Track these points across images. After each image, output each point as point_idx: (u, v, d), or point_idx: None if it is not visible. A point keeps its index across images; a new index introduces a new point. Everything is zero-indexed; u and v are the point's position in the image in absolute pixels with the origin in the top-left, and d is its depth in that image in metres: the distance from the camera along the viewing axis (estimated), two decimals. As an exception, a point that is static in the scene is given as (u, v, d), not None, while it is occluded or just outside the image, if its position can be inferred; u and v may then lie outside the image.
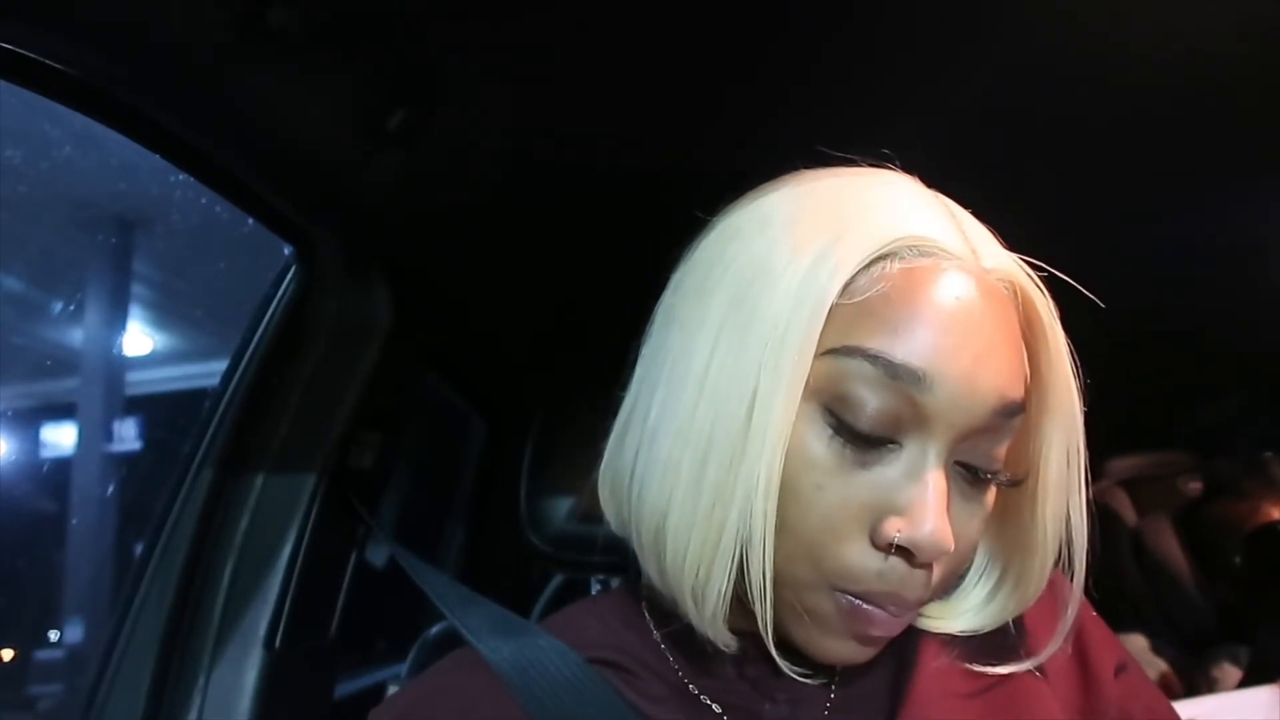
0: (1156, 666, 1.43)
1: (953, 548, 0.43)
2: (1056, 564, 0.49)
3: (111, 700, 0.81)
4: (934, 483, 0.42)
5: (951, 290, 0.43)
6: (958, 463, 0.45)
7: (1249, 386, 1.53)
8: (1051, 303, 0.47)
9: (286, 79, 0.67)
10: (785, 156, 0.55)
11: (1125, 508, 1.76)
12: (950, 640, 0.52)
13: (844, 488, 0.43)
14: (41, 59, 0.59)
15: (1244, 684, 1.35)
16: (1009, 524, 0.50)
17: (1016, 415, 0.45)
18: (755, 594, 0.43)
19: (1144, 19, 0.66)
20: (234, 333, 0.95)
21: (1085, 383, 0.46)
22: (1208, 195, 0.93)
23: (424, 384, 1.22)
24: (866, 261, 0.43)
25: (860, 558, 0.43)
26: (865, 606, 0.44)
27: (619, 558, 0.51)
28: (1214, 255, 1.07)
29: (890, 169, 0.49)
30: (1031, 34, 0.68)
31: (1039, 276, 0.47)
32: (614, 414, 0.51)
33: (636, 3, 0.63)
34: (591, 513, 0.53)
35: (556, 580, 1.75)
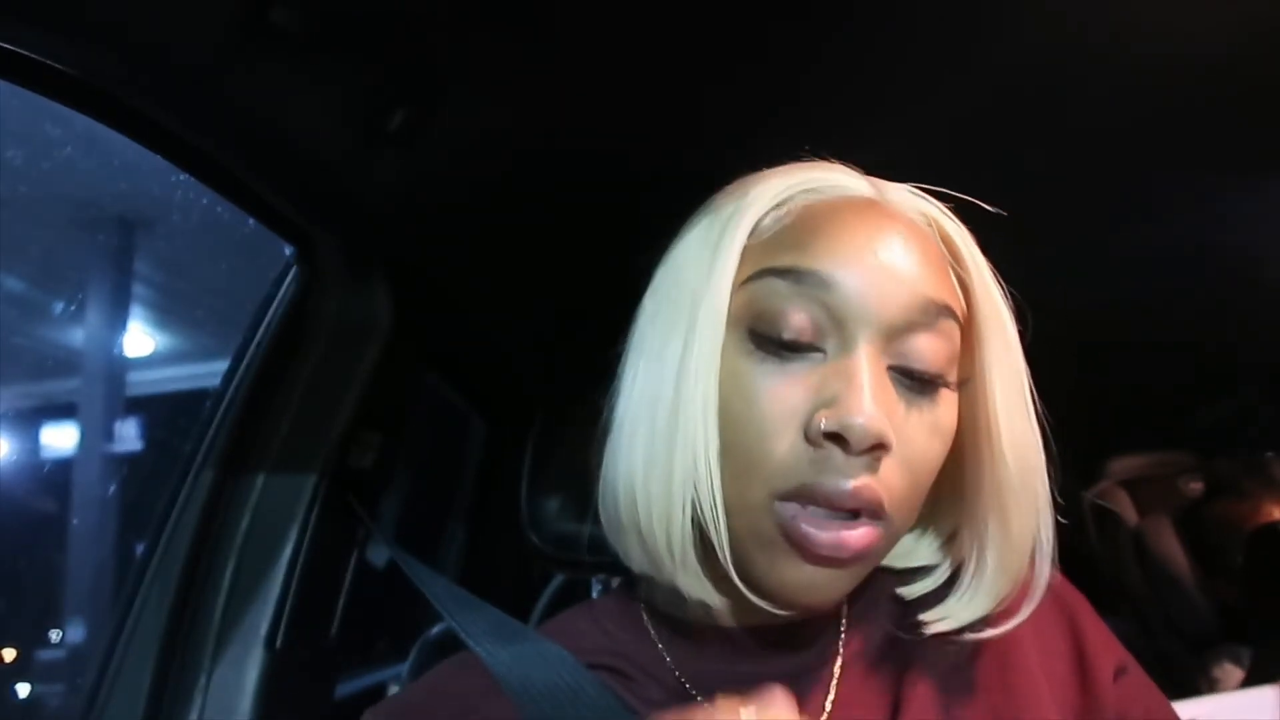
0: None
1: (888, 436, 0.43)
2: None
3: (112, 700, 0.81)
4: (860, 373, 0.44)
5: (853, 207, 0.48)
6: (894, 368, 0.45)
7: (1249, 386, 1.53)
8: (969, 234, 0.50)
9: (286, 79, 0.67)
10: (785, 158, 0.55)
11: (1126, 508, 1.75)
12: (951, 641, 0.52)
13: (774, 398, 0.44)
14: (42, 59, 0.59)
15: (1245, 684, 1.35)
16: (971, 478, 0.50)
17: (943, 317, 0.46)
18: (708, 519, 0.44)
19: (1144, 19, 0.66)
20: (234, 333, 0.96)
21: (1086, 382, 0.46)
22: (1207, 195, 0.93)
23: (424, 384, 1.21)
24: (771, 206, 0.48)
25: (794, 453, 0.44)
26: (804, 527, 0.43)
27: (619, 558, 0.51)
28: (1214, 255, 1.07)
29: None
30: (1030, 37, 0.68)
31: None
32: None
33: (636, 4, 0.63)
34: (592, 512, 0.54)
35: (556, 581, 1.74)
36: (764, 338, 0.45)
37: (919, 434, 0.46)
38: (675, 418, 0.45)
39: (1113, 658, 0.54)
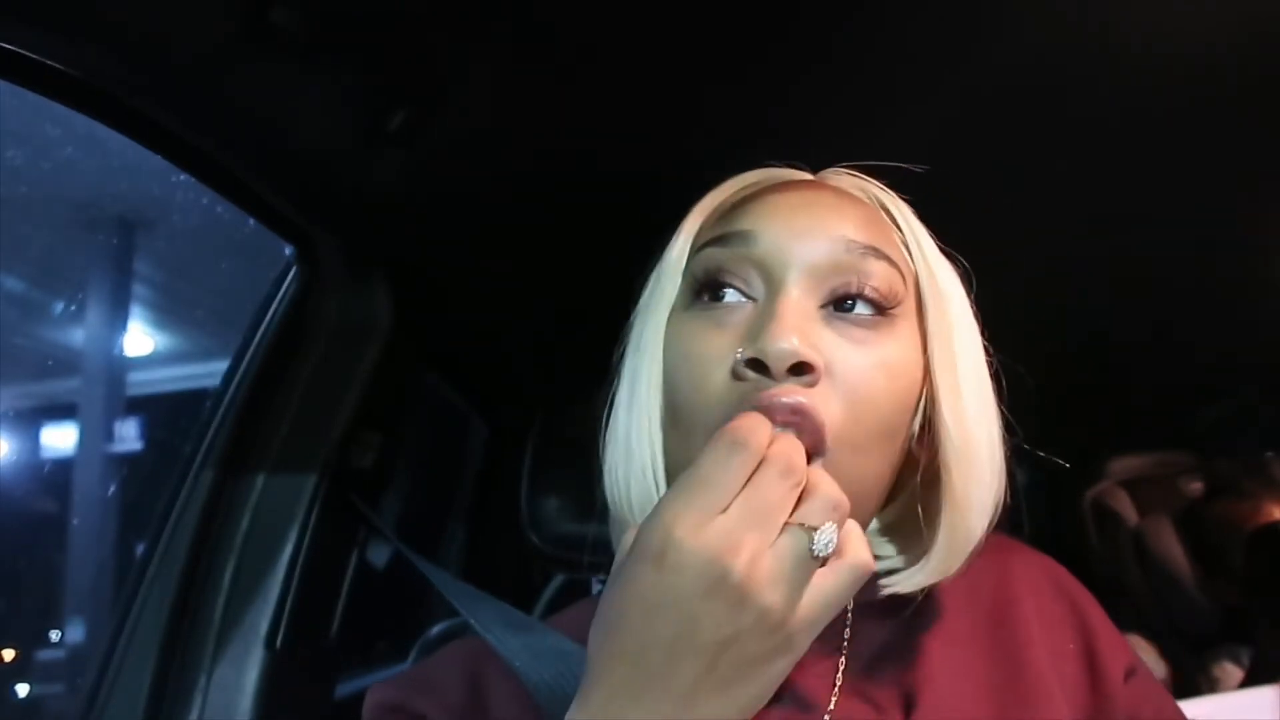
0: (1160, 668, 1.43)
1: (809, 356, 0.43)
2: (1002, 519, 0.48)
3: (112, 700, 0.81)
4: (782, 305, 0.45)
5: (785, 184, 0.52)
6: (827, 305, 0.47)
7: (1249, 386, 1.53)
8: (908, 208, 0.52)
9: (287, 79, 0.67)
10: (784, 159, 0.55)
11: (1126, 508, 1.75)
12: (957, 637, 0.52)
13: (704, 345, 0.47)
14: (42, 59, 0.59)
15: (1245, 684, 1.35)
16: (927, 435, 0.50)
17: (871, 256, 0.47)
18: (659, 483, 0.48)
19: (1144, 19, 0.66)
20: (234, 333, 0.96)
21: (1086, 382, 0.47)
22: (1208, 195, 0.93)
23: (424, 384, 1.21)
24: (714, 205, 0.53)
25: (721, 390, 0.45)
26: None
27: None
28: (1214, 255, 1.07)
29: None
30: (1030, 37, 0.68)
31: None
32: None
33: (636, 6, 0.63)
34: (592, 512, 0.54)
35: (556, 580, 1.74)
36: (697, 295, 0.49)
37: (859, 368, 0.45)
38: (633, 400, 0.49)
39: (1123, 659, 0.54)
